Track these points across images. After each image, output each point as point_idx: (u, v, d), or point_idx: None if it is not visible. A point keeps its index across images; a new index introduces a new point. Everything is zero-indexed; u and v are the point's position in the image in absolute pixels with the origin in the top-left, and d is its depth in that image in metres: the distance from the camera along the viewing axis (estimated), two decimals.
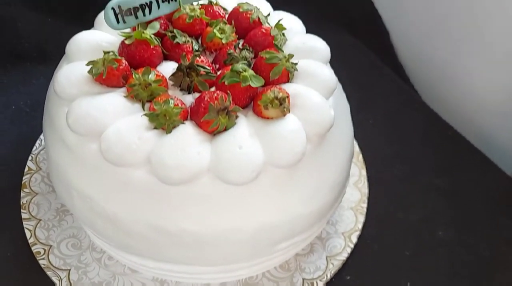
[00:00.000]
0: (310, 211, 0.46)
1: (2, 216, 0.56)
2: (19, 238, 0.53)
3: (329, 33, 0.84)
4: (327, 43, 0.85)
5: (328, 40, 0.85)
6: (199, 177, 0.41)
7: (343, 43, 0.83)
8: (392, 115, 0.71)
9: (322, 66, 0.50)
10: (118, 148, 0.41)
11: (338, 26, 0.86)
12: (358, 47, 0.83)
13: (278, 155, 0.42)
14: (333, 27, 0.86)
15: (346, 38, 0.84)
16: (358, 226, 0.57)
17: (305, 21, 0.86)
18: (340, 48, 0.82)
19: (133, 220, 0.43)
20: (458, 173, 0.64)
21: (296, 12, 0.88)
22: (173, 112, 0.42)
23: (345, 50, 0.82)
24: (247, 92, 0.45)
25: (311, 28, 0.85)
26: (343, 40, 0.84)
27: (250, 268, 0.50)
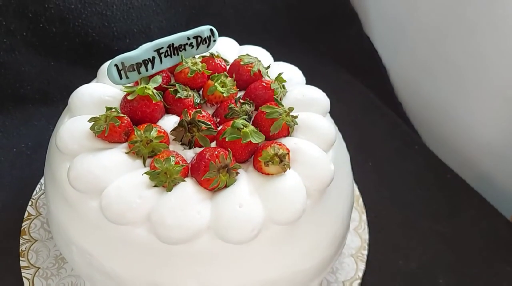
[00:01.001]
0: (310, 266, 0.46)
1: (0, 263, 0.56)
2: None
3: (329, 73, 0.86)
4: (326, 81, 0.86)
5: (328, 80, 0.86)
6: (199, 235, 0.42)
7: (342, 82, 0.85)
8: (392, 157, 0.71)
9: (322, 119, 0.50)
10: (118, 206, 0.42)
11: (337, 65, 0.88)
12: (357, 86, 0.84)
13: (279, 212, 0.43)
14: (332, 65, 0.87)
15: (345, 77, 0.86)
16: (358, 274, 0.57)
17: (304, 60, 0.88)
18: (339, 87, 0.83)
19: (132, 277, 0.43)
20: (457, 217, 0.64)
21: (296, 52, 0.90)
22: (174, 170, 0.43)
23: (344, 89, 0.83)
24: (247, 148, 0.45)
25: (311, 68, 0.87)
26: (342, 79, 0.85)
27: None
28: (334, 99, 0.81)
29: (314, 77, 0.82)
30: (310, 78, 0.76)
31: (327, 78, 0.84)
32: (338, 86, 0.83)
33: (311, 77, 0.78)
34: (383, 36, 0.88)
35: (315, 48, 0.89)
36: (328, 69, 0.86)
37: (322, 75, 0.84)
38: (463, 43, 0.72)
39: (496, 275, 0.58)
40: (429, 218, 0.63)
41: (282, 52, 0.60)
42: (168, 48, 0.50)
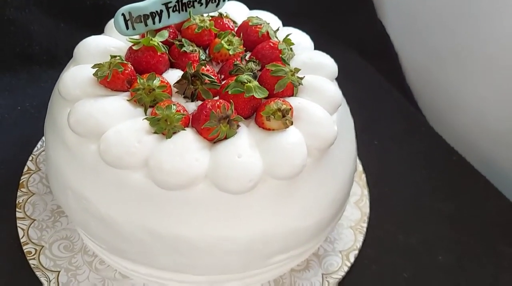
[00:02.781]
0: (306, 226, 0.45)
1: None
2: (12, 237, 0.53)
3: (338, 53, 0.84)
4: (336, 62, 0.86)
5: (337, 60, 0.85)
6: (196, 183, 0.41)
7: (352, 63, 0.84)
8: (398, 137, 0.71)
9: (328, 82, 0.49)
10: (117, 150, 0.41)
11: (348, 47, 0.87)
12: (367, 68, 0.83)
13: (277, 166, 0.42)
14: (343, 47, 0.86)
15: (355, 59, 0.85)
16: (356, 245, 0.56)
17: (315, 40, 0.87)
18: (348, 68, 0.82)
19: (126, 222, 0.43)
20: (461, 198, 0.63)
21: (306, 31, 0.89)
22: (175, 118, 0.42)
23: (354, 70, 0.82)
24: (250, 103, 0.45)
25: (320, 47, 0.86)
26: (352, 60, 0.84)
27: (242, 281, 0.49)
28: (342, 79, 0.81)
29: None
30: None
31: (336, 58, 0.84)
32: (347, 66, 0.81)
33: None
34: (396, 21, 0.87)
35: (325, 29, 0.88)
36: (338, 49, 0.84)
37: (332, 55, 0.84)
38: (476, 29, 0.71)
39: (497, 255, 0.57)
40: (432, 197, 0.63)
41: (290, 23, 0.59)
42: (176, 3, 0.50)
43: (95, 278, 0.50)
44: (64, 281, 0.50)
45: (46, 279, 0.50)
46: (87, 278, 0.50)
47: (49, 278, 0.50)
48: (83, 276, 0.51)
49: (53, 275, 0.50)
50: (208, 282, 0.49)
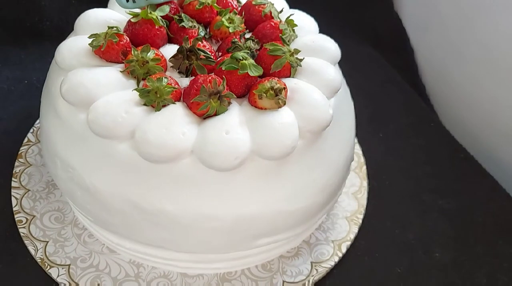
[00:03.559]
0: (294, 209, 0.44)
1: None
2: (5, 205, 0.53)
3: (351, 43, 0.83)
4: (347, 52, 0.84)
5: (349, 50, 0.83)
6: (182, 158, 0.40)
7: (364, 55, 0.82)
8: (404, 131, 0.69)
9: (328, 66, 0.48)
10: (104, 120, 0.41)
11: (362, 38, 0.85)
12: (379, 60, 0.81)
13: (266, 146, 0.41)
14: (356, 38, 0.84)
15: (367, 51, 0.83)
16: (350, 236, 0.54)
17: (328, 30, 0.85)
18: (360, 59, 0.81)
19: (110, 193, 0.42)
20: (465, 196, 0.61)
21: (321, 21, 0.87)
22: (165, 90, 0.41)
23: (365, 61, 0.81)
24: (244, 80, 0.44)
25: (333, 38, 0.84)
26: (364, 52, 0.83)
27: (228, 262, 0.49)
28: (352, 69, 0.79)
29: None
30: None
31: (348, 49, 0.81)
32: (359, 58, 0.81)
33: None
34: (413, 15, 0.85)
35: (340, 19, 0.86)
36: (350, 40, 0.83)
37: (342, 45, 0.82)
38: (496, 28, 0.68)
39: (497, 256, 0.54)
40: (434, 193, 0.60)
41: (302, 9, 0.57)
42: None
43: (82, 251, 0.50)
44: (51, 251, 0.50)
45: (34, 248, 0.50)
46: (74, 250, 0.50)
47: (37, 248, 0.50)
48: (71, 248, 0.50)
49: (41, 245, 0.50)
50: (193, 261, 0.48)
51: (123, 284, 0.48)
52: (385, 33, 0.86)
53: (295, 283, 0.50)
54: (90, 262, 0.49)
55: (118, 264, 0.50)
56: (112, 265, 0.50)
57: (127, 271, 0.49)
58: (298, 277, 0.50)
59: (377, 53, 0.82)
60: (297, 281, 0.50)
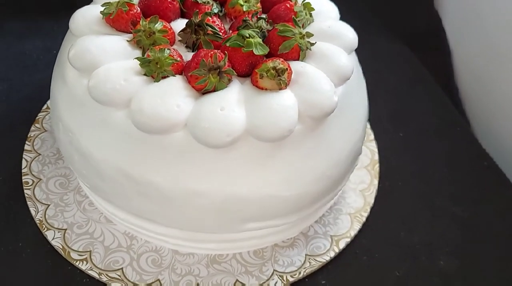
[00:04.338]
0: (286, 196, 0.43)
1: (6, 145, 0.57)
2: (15, 166, 0.55)
3: (383, 39, 0.81)
4: (378, 48, 0.81)
5: (380, 46, 0.81)
6: (174, 130, 0.40)
7: (396, 52, 0.79)
8: (426, 132, 0.65)
9: (341, 52, 0.46)
10: (104, 86, 0.41)
11: (396, 35, 0.82)
12: (411, 59, 0.78)
13: (261, 126, 0.40)
14: (390, 35, 0.81)
15: (400, 48, 0.80)
16: (350, 233, 0.52)
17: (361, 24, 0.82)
18: (390, 56, 0.78)
19: (104, 160, 0.42)
20: (482, 206, 0.57)
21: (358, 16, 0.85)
22: (166, 61, 0.41)
23: (396, 59, 0.78)
24: (248, 59, 0.43)
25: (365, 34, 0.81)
26: (397, 49, 0.79)
27: (219, 244, 0.48)
28: (380, 66, 0.77)
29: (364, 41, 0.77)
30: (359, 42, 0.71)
31: (379, 45, 0.79)
32: (390, 54, 0.78)
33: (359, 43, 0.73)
34: (454, 14, 0.81)
35: (375, 14, 0.83)
36: (383, 36, 0.80)
37: (373, 41, 0.79)
38: None
39: (506, 272, 0.51)
40: (449, 199, 0.57)
41: None
42: None
43: (80, 217, 0.51)
44: (51, 214, 0.51)
45: (35, 210, 0.51)
46: (73, 216, 0.51)
47: (37, 209, 0.51)
48: (70, 213, 0.51)
49: (42, 207, 0.51)
50: (185, 239, 0.47)
51: (114, 253, 0.49)
52: (422, 32, 0.82)
53: (285, 273, 0.48)
54: (86, 229, 0.50)
55: (113, 234, 0.50)
56: (107, 234, 0.50)
57: (120, 241, 0.50)
58: (290, 267, 0.49)
59: (411, 51, 0.79)
60: (288, 271, 0.48)
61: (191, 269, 0.48)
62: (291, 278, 0.48)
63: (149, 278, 0.47)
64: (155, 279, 0.47)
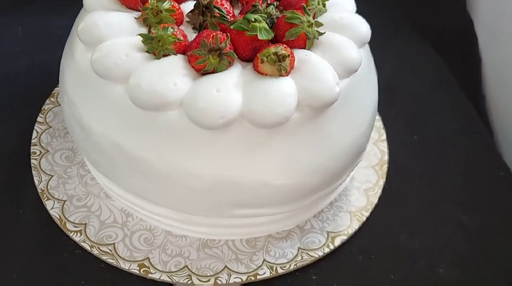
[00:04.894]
0: (279, 184, 0.42)
1: (22, 115, 0.59)
2: (26, 137, 0.56)
3: (409, 40, 0.78)
4: (402, 49, 0.78)
5: (405, 47, 0.78)
6: (170, 108, 0.40)
7: (421, 54, 0.76)
8: (442, 137, 0.63)
9: (350, 44, 0.45)
10: (105, 60, 0.41)
11: (423, 37, 0.79)
12: (436, 62, 0.75)
13: (257, 111, 0.39)
14: (416, 35, 0.79)
15: (426, 50, 0.77)
16: (348, 231, 0.51)
17: (388, 23, 0.80)
18: (415, 58, 0.76)
19: (100, 133, 0.43)
20: (492, 216, 0.54)
21: (384, 15, 0.83)
22: (168, 39, 0.41)
23: (420, 61, 0.75)
24: (252, 43, 0.42)
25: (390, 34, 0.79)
26: (422, 51, 0.77)
27: (211, 228, 0.47)
28: (403, 67, 0.74)
29: (388, 40, 0.75)
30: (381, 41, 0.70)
31: (404, 46, 0.77)
32: (414, 56, 0.76)
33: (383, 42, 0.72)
34: (488, 20, 0.78)
35: (401, 12, 0.81)
36: (409, 37, 0.78)
37: (399, 41, 0.77)
38: None
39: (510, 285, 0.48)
40: (458, 206, 0.55)
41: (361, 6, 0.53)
42: None
43: (81, 191, 0.52)
44: (53, 185, 0.52)
45: (38, 179, 0.52)
46: (74, 188, 0.52)
47: (41, 179, 0.52)
48: (71, 185, 0.52)
49: (46, 177, 0.52)
50: (178, 220, 0.47)
51: (108, 228, 0.49)
52: (451, 35, 0.79)
53: (276, 264, 0.47)
54: (85, 203, 0.51)
55: (110, 210, 0.51)
56: (104, 209, 0.51)
57: (116, 217, 0.50)
58: (280, 259, 0.48)
59: (437, 54, 0.76)
60: (278, 263, 0.48)
61: (182, 251, 0.48)
62: (281, 269, 0.47)
63: (140, 255, 0.48)
64: (145, 257, 0.47)
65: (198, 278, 0.46)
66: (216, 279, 0.46)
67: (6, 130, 0.58)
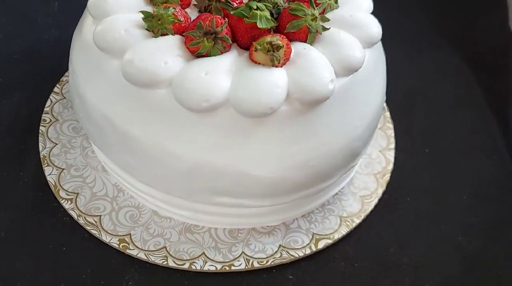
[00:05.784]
0: (260, 176, 0.41)
1: (40, 85, 0.61)
2: (41, 105, 0.58)
3: (439, 51, 0.75)
4: (431, 58, 0.75)
5: (433, 56, 0.75)
6: (159, 86, 0.40)
7: (449, 66, 0.72)
8: (456, 154, 0.60)
9: (355, 42, 0.44)
10: (105, 34, 0.42)
11: (455, 49, 0.75)
12: (464, 75, 0.71)
13: (243, 99, 0.39)
14: (447, 46, 0.75)
15: (456, 63, 0.73)
16: (335, 235, 0.49)
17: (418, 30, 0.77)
18: (441, 67, 0.72)
19: (93, 105, 0.44)
20: (493, 242, 0.51)
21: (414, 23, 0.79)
22: (167, 19, 0.41)
23: (447, 73, 0.72)
24: (251, 31, 0.42)
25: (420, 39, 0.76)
26: (451, 64, 0.73)
27: (194, 214, 0.47)
28: (428, 78, 0.71)
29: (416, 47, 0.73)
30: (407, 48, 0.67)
31: (433, 55, 0.74)
32: (442, 67, 0.72)
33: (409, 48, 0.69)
34: None
35: (437, 21, 0.78)
36: (439, 46, 0.74)
37: (428, 49, 0.74)
38: None
39: None
40: (458, 227, 0.52)
41: (388, 14, 0.51)
42: None
43: (80, 162, 0.53)
44: (55, 152, 0.53)
45: (43, 145, 0.54)
46: (74, 158, 0.53)
47: (45, 146, 0.54)
48: (73, 155, 0.53)
49: (50, 145, 0.54)
50: (163, 201, 0.48)
51: (98, 200, 0.50)
52: (487, 49, 0.75)
53: (253, 258, 0.47)
54: (81, 173, 0.52)
55: (104, 183, 0.52)
56: (98, 181, 0.52)
57: (107, 190, 0.51)
58: (259, 254, 0.47)
59: (467, 68, 0.72)
60: (256, 257, 0.47)
61: (164, 232, 0.48)
62: (257, 264, 0.46)
63: (122, 230, 0.48)
64: (127, 233, 0.48)
65: (174, 260, 0.46)
66: (191, 264, 0.46)
67: (26, 96, 0.60)
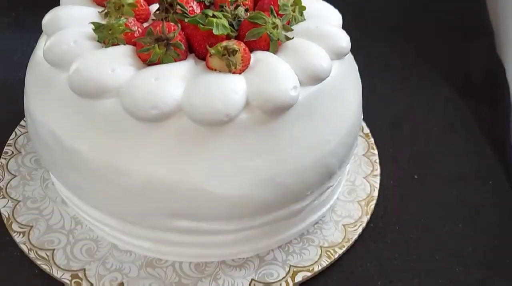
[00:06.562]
0: (218, 193, 0.37)
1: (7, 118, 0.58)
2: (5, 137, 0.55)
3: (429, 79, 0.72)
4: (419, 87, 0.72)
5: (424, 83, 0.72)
6: (105, 96, 0.37)
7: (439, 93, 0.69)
8: (448, 181, 0.55)
9: (321, 52, 0.41)
10: (54, 47, 0.40)
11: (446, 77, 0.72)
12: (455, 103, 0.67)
13: (195, 106, 0.36)
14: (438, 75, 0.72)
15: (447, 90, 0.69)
16: (314, 267, 0.44)
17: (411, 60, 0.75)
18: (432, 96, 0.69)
19: (40, 123, 0.41)
20: (495, 272, 0.45)
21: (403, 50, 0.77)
22: (118, 29, 0.39)
23: (438, 101, 0.68)
24: (208, 39, 0.39)
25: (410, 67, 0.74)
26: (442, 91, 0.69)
27: (156, 245, 0.43)
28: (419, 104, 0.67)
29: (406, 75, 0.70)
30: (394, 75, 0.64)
31: (423, 82, 0.71)
32: (433, 95, 0.69)
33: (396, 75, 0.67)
34: None
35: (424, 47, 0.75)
36: (430, 75, 0.72)
37: (418, 76, 0.71)
38: None
39: None
40: (454, 257, 0.46)
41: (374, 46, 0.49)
42: None
43: (38, 193, 0.49)
44: (13, 184, 0.50)
45: (0, 177, 0.50)
46: (32, 191, 0.49)
47: (3, 178, 0.50)
48: (31, 187, 0.49)
49: (9, 176, 0.50)
50: (122, 232, 0.43)
51: (53, 233, 0.46)
52: (475, 75, 0.72)
53: None
54: (38, 205, 0.48)
55: (61, 215, 0.47)
56: (56, 214, 0.48)
57: (65, 223, 0.47)
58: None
59: (459, 96, 0.69)
60: None
61: (122, 266, 0.43)
62: None
63: (76, 265, 0.43)
64: (81, 268, 0.43)
65: None
66: None
67: None
